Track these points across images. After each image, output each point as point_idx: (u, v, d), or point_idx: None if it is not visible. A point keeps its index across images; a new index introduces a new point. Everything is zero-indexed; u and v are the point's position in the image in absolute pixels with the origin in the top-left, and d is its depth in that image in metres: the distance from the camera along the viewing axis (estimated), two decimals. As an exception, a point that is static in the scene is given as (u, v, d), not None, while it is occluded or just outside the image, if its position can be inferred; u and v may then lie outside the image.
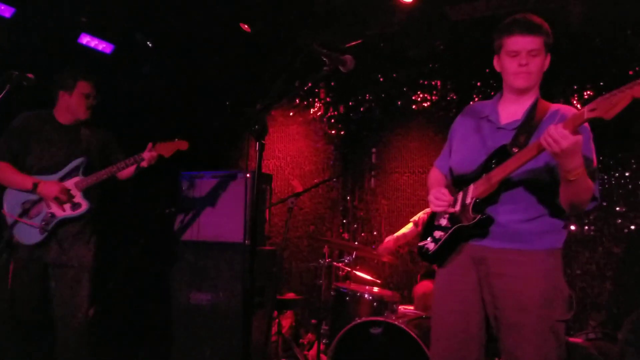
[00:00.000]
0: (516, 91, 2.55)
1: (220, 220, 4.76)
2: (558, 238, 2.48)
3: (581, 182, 2.19)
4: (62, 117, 3.90)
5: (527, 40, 2.42)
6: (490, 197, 2.42)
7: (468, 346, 2.50)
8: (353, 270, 5.31)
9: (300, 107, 6.73)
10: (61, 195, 3.66)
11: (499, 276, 2.42)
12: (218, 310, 4.58)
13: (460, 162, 2.64)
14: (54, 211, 3.69)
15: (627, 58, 4.96)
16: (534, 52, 2.43)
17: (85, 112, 3.91)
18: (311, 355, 5.27)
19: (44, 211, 3.69)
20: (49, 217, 3.67)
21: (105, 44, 5.65)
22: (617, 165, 4.99)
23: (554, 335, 2.36)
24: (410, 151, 6.06)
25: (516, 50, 2.44)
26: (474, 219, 2.42)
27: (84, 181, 3.76)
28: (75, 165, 3.80)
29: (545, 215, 2.43)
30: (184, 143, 3.97)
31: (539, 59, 2.45)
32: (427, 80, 6.05)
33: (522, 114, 2.51)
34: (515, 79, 2.49)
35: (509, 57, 2.48)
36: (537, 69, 2.46)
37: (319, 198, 6.51)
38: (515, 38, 2.44)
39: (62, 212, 3.71)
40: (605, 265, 4.92)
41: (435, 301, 2.66)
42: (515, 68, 2.47)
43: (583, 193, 2.26)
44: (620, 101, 1.97)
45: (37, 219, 3.68)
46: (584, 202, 2.30)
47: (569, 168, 2.14)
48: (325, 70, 2.42)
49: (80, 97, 3.87)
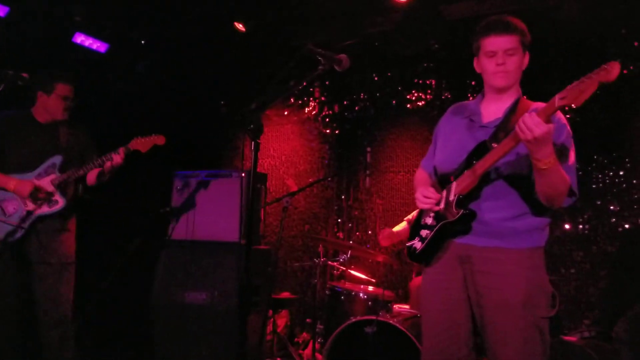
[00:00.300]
0: (496, 90, 2.59)
1: (214, 220, 4.76)
2: (541, 237, 2.51)
3: (553, 173, 2.22)
4: (40, 116, 3.91)
5: (502, 40, 2.46)
6: (473, 193, 2.46)
7: (457, 342, 2.53)
8: (348, 269, 5.32)
9: (295, 106, 6.72)
10: (34, 192, 3.67)
11: (483, 274, 2.45)
12: (213, 310, 4.57)
13: (443, 160, 2.68)
14: (30, 208, 3.70)
15: (622, 57, 4.98)
16: (510, 51, 2.47)
17: (62, 114, 3.92)
18: (306, 354, 5.27)
19: (21, 208, 3.70)
20: (25, 215, 3.68)
21: (100, 43, 5.64)
22: (611, 164, 5.01)
23: (538, 331, 2.38)
24: (405, 150, 6.07)
25: (493, 50, 2.49)
26: (457, 214, 2.45)
27: (59, 178, 3.77)
28: (51, 162, 3.81)
29: (529, 213, 2.45)
30: (160, 138, 3.95)
31: (516, 58, 2.49)
32: (422, 80, 6.06)
33: (503, 112, 2.55)
34: (494, 78, 2.54)
35: (486, 58, 2.53)
36: (514, 67, 2.50)
37: (314, 197, 6.51)
38: (491, 39, 2.49)
39: (39, 209, 3.71)
40: (600, 264, 4.95)
41: (423, 299, 2.69)
42: (493, 68, 2.51)
43: (557, 184, 2.28)
44: (588, 88, 2.01)
45: (14, 216, 3.68)
46: (560, 194, 2.33)
47: (539, 156, 2.17)
48: (321, 69, 2.42)
49: (58, 100, 3.88)
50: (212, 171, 4.95)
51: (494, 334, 2.42)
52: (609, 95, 4.98)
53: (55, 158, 3.82)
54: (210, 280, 4.64)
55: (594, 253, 4.99)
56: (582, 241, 5.04)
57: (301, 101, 6.69)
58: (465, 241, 2.51)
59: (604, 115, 5.05)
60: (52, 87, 3.85)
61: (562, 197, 2.35)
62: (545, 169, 2.19)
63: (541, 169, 2.20)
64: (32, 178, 3.74)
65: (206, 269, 4.69)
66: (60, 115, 3.91)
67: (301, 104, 6.69)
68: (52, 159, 3.81)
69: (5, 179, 3.69)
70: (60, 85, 3.86)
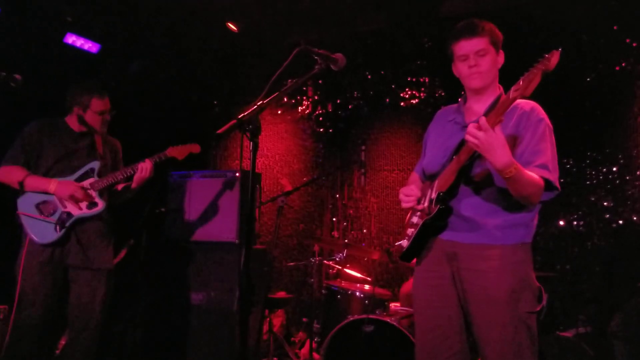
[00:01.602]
0: (475, 92, 2.65)
1: (210, 220, 4.75)
2: (526, 232, 2.53)
3: (519, 179, 2.26)
4: (75, 125, 3.92)
5: (472, 42, 2.54)
6: (452, 190, 2.51)
7: (449, 339, 2.57)
8: (343, 268, 5.32)
9: (288, 105, 6.71)
10: (77, 194, 3.68)
11: (469, 271, 2.49)
12: (210, 310, 4.57)
13: (428, 163, 2.76)
14: (70, 210, 3.70)
15: (614, 54, 5.00)
16: (481, 52, 2.54)
17: (101, 128, 3.95)
18: (302, 354, 5.27)
19: (59, 210, 3.69)
20: (65, 216, 3.68)
21: (92, 44, 5.61)
22: (604, 160, 5.03)
23: (525, 326, 2.41)
24: (399, 148, 6.08)
25: (464, 54, 2.57)
26: (434, 210, 2.51)
27: (99, 182, 3.80)
28: (90, 167, 3.84)
29: (510, 209, 2.48)
30: (196, 146, 4.06)
31: (488, 58, 2.55)
32: (415, 77, 6.06)
33: (483, 111, 2.59)
34: (469, 80, 2.60)
35: (460, 62, 2.61)
36: (487, 67, 2.56)
37: (308, 196, 6.51)
38: (461, 43, 2.57)
39: (79, 210, 3.72)
40: (594, 260, 4.96)
41: (415, 297, 2.73)
42: (466, 70, 2.58)
43: (527, 187, 2.31)
44: (534, 77, 2.11)
45: (53, 217, 3.68)
46: (532, 195, 2.36)
47: (499, 167, 2.22)
48: (317, 68, 2.42)
49: (95, 115, 3.89)
50: (207, 171, 4.94)
51: (480, 329, 2.46)
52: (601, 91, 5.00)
53: (93, 164, 3.85)
54: (206, 281, 4.64)
55: (589, 249, 5.01)
56: (577, 237, 5.06)
57: (294, 100, 6.68)
58: (450, 238, 2.56)
59: (596, 111, 5.07)
60: (88, 104, 3.86)
61: (535, 197, 2.38)
62: (509, 177, 2.24)
63: (505, 177, 2.25)
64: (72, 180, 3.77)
65: (202, 269, 4.68)
66: (99, 129, 3.93)
67: (294, 103, 6.68)
68: (90, 164, 3.85)
69: (45, 182, 3.69)
70: (96, 100, 3.87)
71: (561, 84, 4.99)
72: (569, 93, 5.11)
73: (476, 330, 2.48)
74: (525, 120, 2.48)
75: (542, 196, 2.41)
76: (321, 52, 2.42)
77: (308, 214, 6.48)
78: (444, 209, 2.49)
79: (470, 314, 2.49)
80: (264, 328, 5.05)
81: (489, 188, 2.48)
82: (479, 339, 2.48)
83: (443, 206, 2.49)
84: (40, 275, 3.61)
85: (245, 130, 2.16)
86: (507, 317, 2.40)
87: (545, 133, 2.47)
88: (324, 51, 2.43)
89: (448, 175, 2.50)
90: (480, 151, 2.23)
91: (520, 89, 2.14)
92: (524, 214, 2.49)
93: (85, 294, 3.73)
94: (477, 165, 2.48)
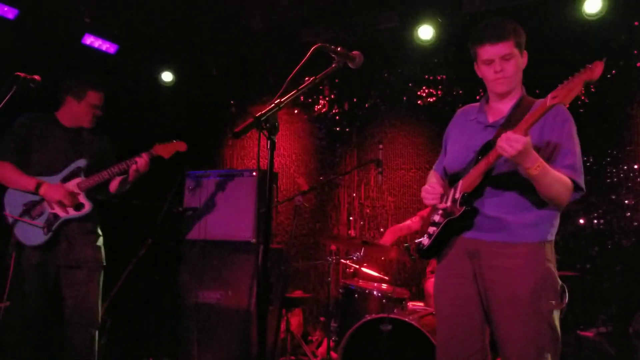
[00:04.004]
0: (499, 95, 2.62)
1: (227, 219, 4.76)
2: (550, 230, 2.51)
3: (546, 176, 2.28)
4: (65, 120, 3.86)
5: (497, 47, 2.49)
6: (477, 191, 2.49)
7: (470, 337, 2.55)
8: (361, 267, 5.30)
9: (305, 104, 6.70)
10: (65, 199, 3.65)
11: (491, 268, 2.47)
12: (227, 309, 4.58)
13: (452, 161, 2.73)
14: (56, 212, 3.67)
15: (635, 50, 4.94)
16: (507, 57, 2.50)
17: (90, 122, 3.89)
18: (320, 353, 5.26)
19: (47, 211, 3.67)
20: (52, 218, 3.65)
21: (109, 44, 5.65)
22: (625, 158, 4.97)
23: (547, 325, 2.39)
24: (416, 147, 6.05)
25: (489, 58, 2.53)
26: (460, 211, 2.49)
27: (86, 182, 3.74)
28: (77, 166, 3.78)
29: (533, 207, 2.46)
30: (182, 144, 3.96)
31: (514, 61, 2.52)
32: (433, 76, 6.02)
33: (507, 111, 2.59)
34: (495, 85, 2.58)
35: (484, 66, 2.57)
36: (513, 72, 2.53)
37: (325, 195, 6.49)
38: (486, 47, 2.52)
39: (65, 213, 3.69)
40: (615, 259, 4.90)
41: (436, 295, 2.72)
42: (492, 75, 2.55)
43: (554, 185, 2.32)
44: (575, 87, 2.11)
45: (40, 219, 3.65)
46: (561, 194, 2.36)
47: (526, 165, 2.25)
48: (334, 66, 2.41)
49: (88, 107, 3.83)
50: (225, 170, 4.96)
51: (502, 327, 2.44)
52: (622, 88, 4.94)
53: (80, 161, 3.79)
54: (223, 279, 4.65)
55: (609, 248, 4.95)
56: (597, 236, 5.01)
57: (311, 99, 6.66)
58: (473, 236, 2.54)
59: (617, 108, 5.01)
60: (84, 94, 3.80)
61: (563, 197, 2.38)
62: (536, 174, 2.25)
63: (532, 175, 2.26)
64: (58, 182, 3.71)
65: (220, 268, 4.69)
66: (87, 123, 3.87)
67: (311, 102, 6.67)
68: (77, 162, 3.79)
69: (34, 183, 3.64)
70: (92, 92, 3.82)
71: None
72: (589, 90, 5.05)
73: (497, 328, 2.46)
74: (552, 120, 2.45)
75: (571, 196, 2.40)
76: (339, 50, 2.40)
77: (325, 213, 6.47)
78: (469, 211, 2.49)
79: (491, 311, 2.48)
80: (282, 327, 5.05)
81: (513, 187, 2.47)
82: (500, 337, 2.46)
83: (469, 207, 2.48)
84: (30, 277, 3.60)
85: (263, 128, 2.15)
86: (529, 315, 2.38)
87: (572, 133, 2.46)
88: (342, 49, 2.41)
89: (474, 177, 2.48)
90: (511, 159, 2.25)
91: (560, 97, 2.14)
92: (548, 211, 2.48)
93: (80, 293, 3.69)
94: (501, 165, 2.46)
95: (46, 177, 3.71)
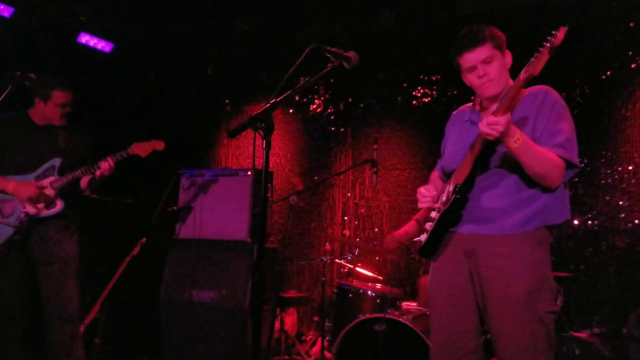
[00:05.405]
0: (489, 99, 2.63)
1: (222, 218, 4.76)
2: (547, 216, 2.50)
3: (528, 150, 2.30)
4: (37, 119, 3.87)
5: (475, 53, 2.52)
6: (468, 181, 2.49)
7: (465, 337, 2.55)
8: (355, 267, 5.30)
9: (300, 104, 6.71)
10: (34, 196, 3.65)
11: (487, 268, 2.47)
12: (221, 308, 4.57)
13: (447, 160, 2.76)
14: (28, 210, 3.67)
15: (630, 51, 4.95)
16: (487, 60, 2.52)
17: (60, 120, 3.88)
18: (314, 352, 5.26)
19: (19, 210, 3.68)
20: (24, 216, 3.65)
21: (105, 43, 5.64)
22: (620, 159, 4.98)
23: (542, 325, 2.39)
24: (411, 147, 6.05)
25: (471, 66, 2.55)
26: (450, 200, 2.50)
27: (59, 180, 3.75)
28: (50, 165, 3.79)
29: (530, 196, 2.47)
30: (160, 143, 3.98)
31: (495, 63, 2.53)
32: (428, 76, 6.03)
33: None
34: (482, 90, 2.59)
35: (468, 74, 2.59)
36: (497, 73, 2.54)
37: (320, 195, 6.49)
38: (465, 56, 2.55)
39: (37, 211, 3.69)
40: (609, 260, 4.91)
41: (431, 294, 2.71)
42: (477, 81, 2.57)
43: (540, 161, 2.33)
44: (542, 55, 2.17)
45: (12, 218, 3.67)
46: (550, 171, 2.36)
47: (508, 141, 2.28)
48: (330, 66, 2.41)
49: (56, 107, 3.82)
50: (219, 170, 4.96)
51: (497, 328, 2.44)
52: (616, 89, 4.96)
53: (55, 160, 3.80)
54: (218, 279, 4.64)
55: (604, 249, 4.96)
56: (592, 237, 5.01)
57: (306, 99, 6.67)
58: (470, 231, 2.54)
59: (611, 110, 5.02)
60: (49, 95, 3.79)
61: (553, 174, 2.38)
62: (516, 147, 2.27)
63: (514, 148, 2.28)
64: (31, 180, 3.73)
65: (214, 267, 4.69)
66: (57, 121, 3.87)
67: (306, 101, 6.67)
68: (51, 161, 3.80)
69: (4, 182, 3.68)
70: (57, 92, 3.80)
71: (576, 82, 4.94)
72: (583, 91, 5.07)
73: (493, 328, 2.46)
74: (541, 107, 2.47)
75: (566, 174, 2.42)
76: (334, 50, 2.40)
77: (319, 213, 6.47)
78: (459, 199, 2.48)
79: (487, 312, 2.48)
80: (276, 326, 5.05)
81: (506, 178, 2.48)
82: (495, 338, 2.46)
83: (457, 196, 2.48)
84: (5, 272, 3.63)
85: (258, 128, 2.15)
86: (525, 316, 2.38)
87: (561, 113, 2.47)
88: (337, 49, 2.41)
89: (464, 168, 2.50)
90: (496, 140, 2.28)
91: (530, 70, 2.19)
92: (544, 197, 2.47)
93: (54, 288, 3.70)
94: (493, 157, 2.48)
95: (20, 176, 3.73)
